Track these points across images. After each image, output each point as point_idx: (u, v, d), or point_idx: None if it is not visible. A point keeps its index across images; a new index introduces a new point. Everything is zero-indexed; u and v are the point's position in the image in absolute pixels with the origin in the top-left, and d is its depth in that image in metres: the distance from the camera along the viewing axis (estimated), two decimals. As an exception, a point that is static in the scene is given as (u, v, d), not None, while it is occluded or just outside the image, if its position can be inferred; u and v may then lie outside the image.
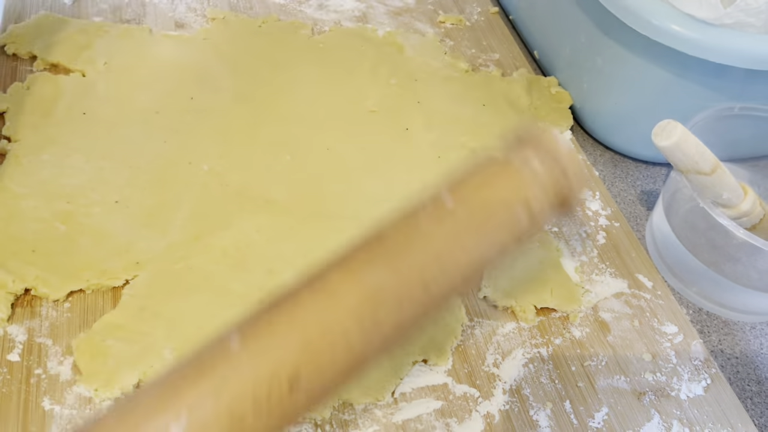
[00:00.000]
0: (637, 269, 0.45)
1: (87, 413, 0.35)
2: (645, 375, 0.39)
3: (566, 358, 0.40)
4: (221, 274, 0.40)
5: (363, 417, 0.36)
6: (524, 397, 0.38)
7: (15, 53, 0.51)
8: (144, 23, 0.56)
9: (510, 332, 0.41)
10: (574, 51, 0.54)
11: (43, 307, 0.38)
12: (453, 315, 0.40)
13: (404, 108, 0.52)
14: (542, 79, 0.57)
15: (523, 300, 0.41)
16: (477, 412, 0.37)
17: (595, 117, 0.54)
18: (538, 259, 0.44)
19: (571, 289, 0.42)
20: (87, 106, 0.48)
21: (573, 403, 0.38)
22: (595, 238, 0.46)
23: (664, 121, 0.37)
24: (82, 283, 0.39)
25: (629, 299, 0.43)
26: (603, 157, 0.54)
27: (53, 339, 0.37)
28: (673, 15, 0.42)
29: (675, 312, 0.43)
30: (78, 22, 0.54)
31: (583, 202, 0.48)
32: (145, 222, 0.42)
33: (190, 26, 0.56)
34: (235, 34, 0.56)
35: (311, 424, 0.35)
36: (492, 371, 0.39)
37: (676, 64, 0.45)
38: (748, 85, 0.46)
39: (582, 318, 0.42)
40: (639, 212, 0.50)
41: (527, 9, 0.61)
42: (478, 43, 0.60)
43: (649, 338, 0.41)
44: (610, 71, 0.50)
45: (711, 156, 0.38)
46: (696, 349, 0.41)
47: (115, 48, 0.52)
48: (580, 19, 0.51)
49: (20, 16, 0.54)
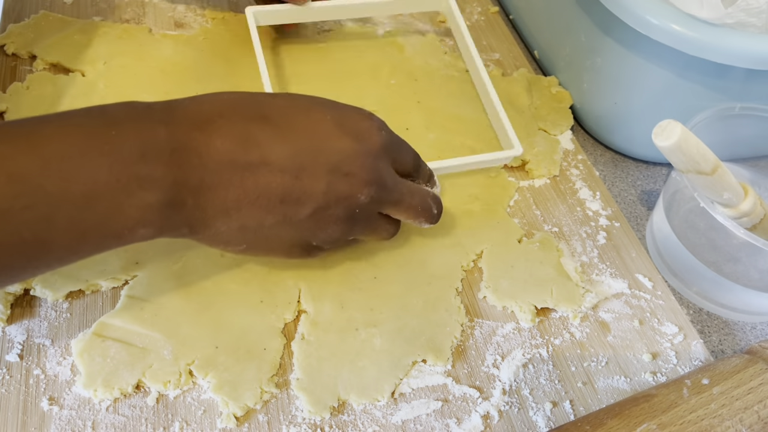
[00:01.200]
0: (637, 269, 0.45)
1: (86, 413, 0.35)
2: (645, 375, 0.39)
3: (566, 359, 0.40)
4: (221, 273, 0.40)
5: (362, 417, 0.36)
6: (524, 398, 0.38)
7: (15, 53, 0.51)
8: (143, 23, 0.56)
9: (510, 332, 0.41)
10: (574, 51, 0.53)
11: (42, 307, 0.38)
12: (453, 315, 0.40)
13: (404, 108, 0.52)
14: (542, 78, 0.57)
15: (523, 300, 0.41)
16: (476, 413, 0.37)
17: (595, 117, 0.54)
18: (538, 259, 0.44)
19: (571, 289, 0.42)
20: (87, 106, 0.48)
21: (573, 403, 0.38)
22: (595, 238, 0.46)
23: (665, 121, 0.37)
24: (82, 283, 0.39)
25: (629, 299, 0.43)
26: (603, 157, 0.54)
27: (52, 339, 0.37)
28: (674, 15, 0.42)
29: (675, 312, 0.43)
30: (78, 22, 0.54)
31: (584, 202, 0.48)
32: (145, 222, 0.42)
33: (190, 26, 0.56)
34: (235, 34, 0.56)
35: (310, 425, 0.35)
36: (491, 371, 0.39)
37: (677, 64, 0.45)
38: (748, 85, 0.46)
39: (582, 318, 0.42)
40: (639, 212, 0.50)
41: (527, 9, 0.61)
42: (478, 42, 0.60)
43: (649, 338, 0.41)
44: (610, 71, 0.50)
45: (711, 156, 0.37)
46: (696, 349, 0.41)
47: (115, 48, 0.52)
48: (580, 19, 0.51)
49: (20, 15, 0.54)
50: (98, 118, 0.30)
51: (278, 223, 0.34)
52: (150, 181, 0.30)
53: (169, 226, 0.32)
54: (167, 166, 0.30)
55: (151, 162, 0.30)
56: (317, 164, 0.34)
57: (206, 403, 0.36)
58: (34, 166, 0.28)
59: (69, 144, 0.29)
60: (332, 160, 0.34)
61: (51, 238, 0.28)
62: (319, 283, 0.41)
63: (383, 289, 0.41)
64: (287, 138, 0.34)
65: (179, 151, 0.31)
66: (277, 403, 0.36)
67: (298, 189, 0.33)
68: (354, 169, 0.35)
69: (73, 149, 0.28)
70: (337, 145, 0.34)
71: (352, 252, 0.42)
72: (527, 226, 0.46)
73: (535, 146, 0.51)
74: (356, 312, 0.40)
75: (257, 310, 0.39)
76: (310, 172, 0.34)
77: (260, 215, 0.33)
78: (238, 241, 0.34)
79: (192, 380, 0.36)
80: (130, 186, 0.29)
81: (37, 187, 0.27)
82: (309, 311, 0.40)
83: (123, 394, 0.35)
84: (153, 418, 0.35)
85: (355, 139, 0.35)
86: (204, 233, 0.33)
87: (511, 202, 0.48)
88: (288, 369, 0.38)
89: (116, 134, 0.30)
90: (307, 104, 0.36)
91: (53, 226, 0.28)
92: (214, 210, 0.32)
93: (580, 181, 0.50)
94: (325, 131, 0.35)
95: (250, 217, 0.33)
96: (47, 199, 0.28)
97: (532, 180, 0.49)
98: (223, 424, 0.35)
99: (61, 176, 0.28)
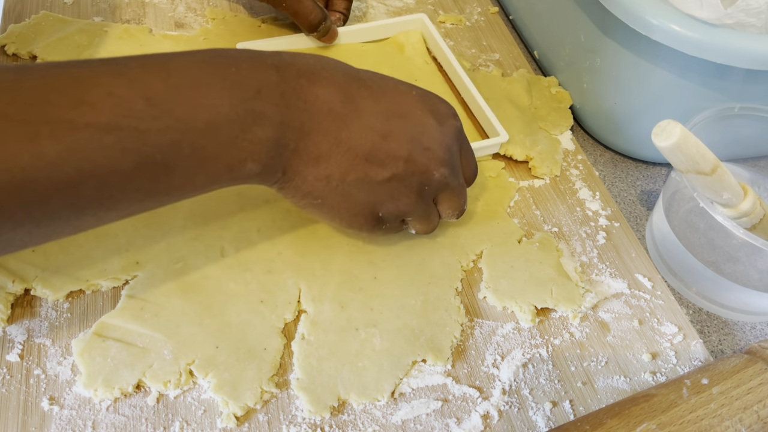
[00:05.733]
0: (637, 269, 0.45)
1: (86, 413, 0.35)
2: (645, 375, 0.39)
3: (566, 359, 0.40)
4: (221, 273, 0.40)
5: (362, 417, 0.36)
6: (524, 398, 0.38)
7: (15, 53, 0.51)
8: (144, 23, 0.56)
9: (509, 332, 0.41)
10: (574, 51, 0.54)
11: (42, 307, 0.38)
12: (453, 315, 0.40)
13: (404, 108, 0.52)
14: (542, 79, 0.57)
15: (523, 300, 0.41)
16: (476, 413, 0.37)
17: (595, 117, 0.54)
18: (537, 259, 0.44)
19: (571, 289, 0.42)
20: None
21: (572, 403, 0.38)
22: (595, 238, 0.46)
23: (664, 121, 0.37)
24: (82, 283, 0.39)
25: (629, 299, 0.43)
26: (603, 157, 0.54)
27: (53, 339, 0.37)
28: (673, 15, 0.42)
29: (675, 312, 0.43)
30: (78, 22, 0.54)
31: (583, 202, 0.48)
32: (145, 222, 0.42)
33: (190, 26, 0.56)
34: (235, 34, 0.56)
35: (310, 425, 0.35)
36: (491, 371, 0.39)
37: (677, 64, 0.45)
38: (748, 85, 0.46)
39: (582, 318, 0.42)
40: (639, 212, 0.50)
41: (527, 9, 0.61)
42: (478, 43, 0.60)
43: (648, 338, 0.41)
44: (610, 71, 0.50)
45: (711, 156, 0.38)
46: (696, 349, 0.41)
47: (116, 48, 0.52)
48: (580, 19, 0.51)
49: (20, 16, 0.54)
50: (219, 58, 0.33)
51: (358, 181, 0.36)
52: (263, 118, 0.32)
53: (271, 167, 0.34)
54: (277, 106, 0.33)
55: (265, 100, 0.32)
56: (402, 131, 0.36)
57: (206, 402, 0.36)
58: (168, 93, 0.30)
59: (196, 76, 0.31)
60: (416, 131, 0.36)
61: (175, 164, 0.30)
62: (319, 283, 0.41)
63: (383, 289, 0.41)
64: (379, 101, 0.36)
65: (288, 94, 0.33)
66: (278, 402, 0.36)
67: (383, 150, 0.35)
68: (433, 144, 0.37)
69: (200, 81, 0.31)
70: (420, 119, 0.37)
71: (352, 252, 0.42)
72: (527, 227, 0.46)
73: (538, 144, 0.51)
74: (356, 312, 0.40)
75: (257, 310, 0.39)
76: (395, 137, 0.36)
77: (345, 168, 0.35)
78: (317, 193, 0.36)
79: (192, 380, 0.36)
80: (246, 120, 0.32)
81: (170, 112, 0.30)
82: (309, 311, 0.40)
83: (123, 394, 0.35)
84: (153, 417, 0.35)
85: (435, 118, 0.37)
86: (294, 180, 0.35)
87: (511, 202, 0.48)
88: (288, 369, 0.38)
89: (236, 71, 0.32)
90: (393, 79, 0.38)
91: (179, 151, 0.30)
92: (308, 156, 0.34)
93: (579, 181, 0.50)
94: (411, 104, 0.37)
95: (337, 168, 0.35)
96: (177, 124, 0.30)
97: (532, 180, 0.49)
98: (224, 423, 0.35)
99: (189, 104, 0.30)
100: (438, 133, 0.37)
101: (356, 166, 0.35)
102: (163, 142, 0.30)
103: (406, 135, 0.36)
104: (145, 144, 0.29)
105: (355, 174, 0.35)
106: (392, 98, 0.37)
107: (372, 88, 0.36)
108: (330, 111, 0.34)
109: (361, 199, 0.36)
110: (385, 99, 0.36)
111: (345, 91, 0.35)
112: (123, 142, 0.28)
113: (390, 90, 0.37)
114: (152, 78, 0.30)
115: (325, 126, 0.34)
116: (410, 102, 0.37)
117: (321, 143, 0.34)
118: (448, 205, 0.40)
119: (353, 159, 0.35)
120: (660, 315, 0.42)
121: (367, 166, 0.35)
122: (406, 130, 0.36)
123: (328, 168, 0.35)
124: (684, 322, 0.42)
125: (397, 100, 0.37)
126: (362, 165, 0.35)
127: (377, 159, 0.35)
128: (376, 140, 0.35)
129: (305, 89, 0.34)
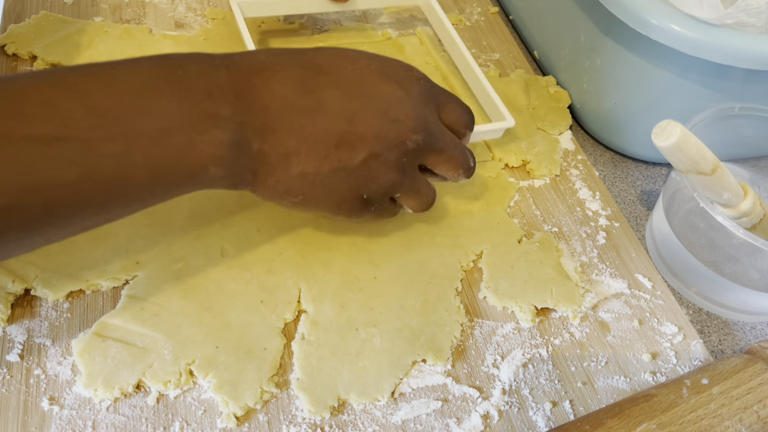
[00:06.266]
0: (637, 269, 0.45)
1: (86, 413, 0.35)
2: (645, 375, 0.39)
3: (566, 359, 0.40)
4: (221, 273, 0.40)
5: (362, 417, 0.36)
6: (524, 398, 0.38)
7: (15, 53, 0.51)
8: (144, 23, 0.56)
9: (509, 332, 0.41)
10: (574, 51, 0.54)
11: (42, 307, 0.38)
12: (453, 315, 0.40)
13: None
14: (540, 78, 0.57)
15: (523, 300, 0.41)
16: (476, 413, 0.37)
17: (595, 117, 0.54)
18: (538, 259, 0.44)
19: (571, 289, 0.42)
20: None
21: (572, 403, 0.38)
22: (595, 238, 0.46)
23: (664, 121, 0.37)
24: (82, 283, 0.39)
25: (629, 299, 0.43)
26: (603, 157, 0.54)
27: (53, 339, 0.37)
28: (673, 15, 0.42)
29: (675, 312, 0.43)
30: (78, 22, 0.54)
31: (583, 202, 0.48)
32: (145, 222, 0.42)
33: (190, 26, 0.56)
34: (235, 34, 0.56)
35: (310, 425, 0.36)
36: (491, 371, 0.39)
37: (677, 64, 0.45)
38: (748, 85, 0.46)
39: (582, 318, 0.42)
40: (639, 212, 0.50)
41: (527, 9, 0.61)
42: (478, 43, 0.60)
43: (648, 338, 0.41)
44: (610, 71, 0.50)
45: (711, 156, 0.38)
46: (696, 349, 0.41)
47: (115, 48, 0.52)
48: (580, 19, 0.51)
49: (20, 16, 0.54)
50: (165, 61, 0.32)
51: (334, 170, 0.35)
52: (219, 119, 0.31)
53: (237, 169, 0.33)
54: (233, 106, 0.32)
55: (218, 101, 0.32)
56: (367, 110, 0.35)
57: (206, 402, 0.36)
58: (111, 100, 0.29)
59: (140, 82, 0.30)
60: (380, 106, 0.36)
61: (129, 174, 0.29)
62: (319, 283, 0.41)
63: (383, 289, 0.41)
64: (339, 85, 0.35)
65: (243, 94, 0.33)
66: (278, 402, 0.36)
67: (351, 134, 0.35)
68: (400, 115, 0.36)
69: (144, 86, 0.30)
70: (383, 92, 0.36)
71: (352, 252, 0.42)
72: (527, 226, 0.46)
73: (536, 146, 0.51)
74: (356, 312, 0.40)
75: (257, 310, 0.39)
76: (361, 117, 0.35)
77: (318, 161, 0.34)
78: (296, 190, 0.35)
79: (192, 380, 0.36)
80: (201, 123, 0.31)
81: (114, 119, 0.29)
82: (309, 311, 0.40)
83: (123, 394, 0.35)
84: (153, 417, 0.35)
85: (399, 86, 0.37)
86: (266, 181, 0.34)
87: (511, 202, 0.48)
88: (288, 369, 0.38)
89: (182, 74, 0.31)
90: (352, 55, 0.37)
91: (131, 160, 0.29)
92: (276, 155, 0.34)
93: (579, 181, 0.50)
94: (371, 79, 0.36)
95: (309, 163, 0.34)
96: (125, 131, 0.29)
97: (532, 180, 0.49)
98: (224, 423, 0.35)
99: (135, 110, 0.29)
100: (404, 101, 0.36)
101: (328, 156, 0.35)
102: (112, 152, 0.28)
103: (371, 112, 0.35)
104: (91, 154, 0.28)
105: (329, 164, 0.35)
106: (352, 78, 0.36)
107: (330, 74, 0.35)
108: (292, 106, 0.34)
109: (341, 187, 0.36)
110: (345, 81, 0.35)
111: (303, 82, 0.34)
112: (66, 153, 0.27)
113: (348, 70, 0.36)
114: (93, 86, 0.29)
115: (289, 122, 0.34)
116: (371, 77, 0.36)
117: (287, 140, 0.34)
118: (445, 167, 0.39)
119: (324, 150, 0.34)
120: (660, 315, 0.42)
121: (339, 154, 0.35)
122: (370, 107, 0.35)
123: (300, 164, 0.34)
124: (684, 322, 0.42)
125: (358, 79, 0.36)
126: (334, 153, 0.35)
127: (347, 144, 0.35)
128: (343, 126, 0.34)
129: (260, 87, 0.33)
